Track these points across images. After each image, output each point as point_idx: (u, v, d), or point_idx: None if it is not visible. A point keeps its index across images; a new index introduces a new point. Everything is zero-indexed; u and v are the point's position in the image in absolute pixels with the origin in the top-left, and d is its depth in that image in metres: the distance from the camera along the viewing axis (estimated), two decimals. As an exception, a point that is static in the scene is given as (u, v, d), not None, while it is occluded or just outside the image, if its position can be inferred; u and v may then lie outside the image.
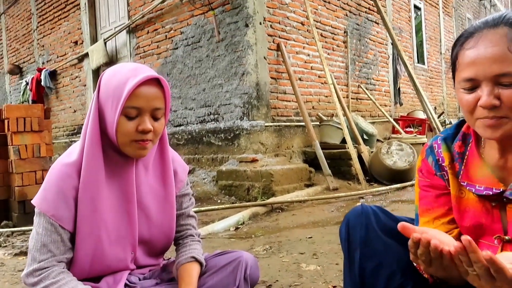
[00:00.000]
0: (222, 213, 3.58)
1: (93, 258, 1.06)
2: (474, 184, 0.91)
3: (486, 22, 0.83)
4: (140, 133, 1.03)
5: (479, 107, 0.81)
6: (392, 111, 7.58)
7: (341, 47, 6.25)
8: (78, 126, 7.46)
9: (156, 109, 1.04)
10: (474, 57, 0.81)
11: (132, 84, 1.00)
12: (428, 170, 1.01)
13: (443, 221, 0.99)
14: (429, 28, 9.52)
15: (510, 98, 0.79)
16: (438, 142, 0.99)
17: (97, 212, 1.05)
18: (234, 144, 4.87)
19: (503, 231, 0.90)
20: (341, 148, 4.90)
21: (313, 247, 2.42)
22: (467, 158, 0.94)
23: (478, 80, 0.81)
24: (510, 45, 0.78)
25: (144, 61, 5.98)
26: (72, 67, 7.44)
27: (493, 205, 0.90)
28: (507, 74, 0.78)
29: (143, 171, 1.14)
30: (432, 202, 1.00)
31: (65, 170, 1.04)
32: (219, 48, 5.01)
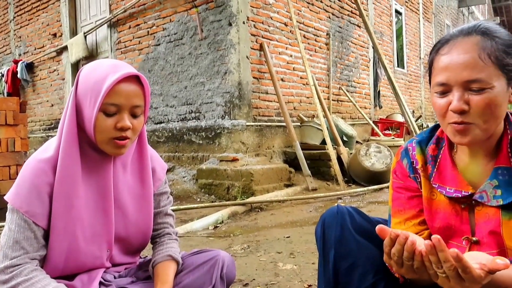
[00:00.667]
0: (201, 212, 3.58)
1: (68, 255, 1.04)
2: (445, 186, 0.94)
3: (461, 30, 0.87)
4: (118, 130, 1.01)
5: (450, 111, 0.84)
6: (371, 114, 7.70)
7: (323, 49, 6.32)
8: (55, 120, 7.30)
9: (135, 106, 1.03)
10: (447, 63, 0.84)
11: (111, 81, 0.98)
12: (402, 172, 1.04)
13: (414, 222, 1.01)
14: (409, 33, 9.72)
15: (478, 103, 0.82)
16: (413, 145, 1.02)
17: (72, 209, 1.03)
18: (215, 143, 4.86)
19: (471, 233, 0.93)
20: (321, 149, 4.96)
21: (290, 247, 2.44)
22: (440, 161, 0.97)
23: (450, 85, 0.84)
24: (480, 53, 0.82)
25: (125, 56, 5.89)
26: (50, 60, 7.27)
27: (462, 207, 0.93)
28: (476, 80, 0.81)
29: (121, 169, 1.13)
30: (405, 204, 1.03)
31: (40, 166, 1.02)
32: (202, 46, 4.99)
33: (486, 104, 0.81)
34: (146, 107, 1.08)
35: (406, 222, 1.02)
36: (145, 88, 1.05)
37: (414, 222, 1.01)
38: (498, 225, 0.87)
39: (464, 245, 0.93)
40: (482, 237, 0.90)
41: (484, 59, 0.81)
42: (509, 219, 0.86)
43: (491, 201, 0.87)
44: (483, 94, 0.81)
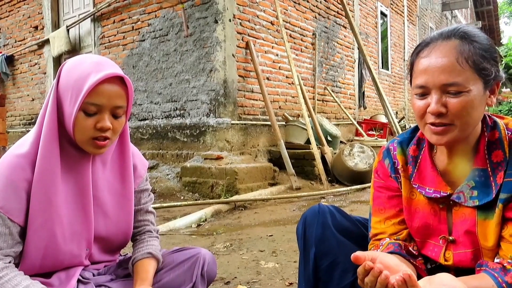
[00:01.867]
0: (185, 210, 3.55)
1: (45, 253, 1.02)
2: (425, 187, 0.96)
3: (441, 34, 0.88)
4: (98, 130, 0.99)
5: (428, 113, 0.86)
6: (356, 114, 7.77)
7: (309, 49, 6.34)
8: (36, 115, 7.14)
9: (117, 107, 1.01)
10: (426, 66, 0.86)
11: (93, 80, 0.96)
12: (383, 172, 1.05)
13: (394, 221, 1.03)
14: (394, 35, 9.84)
15: (455, 106, 0.84)
16: (394, 145, 1.04)
17: (51, 207, 1.01)
18: (199, 140, 4.83)
19: (448, 232, 0.95)
20: (305, 149, 4.98)
21: (273, 245, 2.44)
22: (420, 162, 0.98)
23: (428, 88, 0.86)
24: (458, 57, 0.83)
25: (109, 51, 5.80)
26: (31, 53, 7.11)
27: (441, 207, 0.95)
28: (453, 84, 0.83)
29: (100, 166, 1.11)
30: (385, 203, 1.04)
31: (17, 161, 0.99)
32: (187, 43, 4.95)
33: (463, 107, 0.83)
34: (129, 107, 1.05)
35: (386, 221, 1.03)
36: (129, 89, 1.03)
37: (394, 221, 1.03)
38: (474, 225, 0.89)
39: (441, 244, 0.95)
40: (458, 237, 0.92)
41: (461, 63, 0.83)
42: (484, 219, 0.88)
43: (467, 202, 0.89)
44: (460, 97, 0.83)
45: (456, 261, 0.93)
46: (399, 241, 1.00)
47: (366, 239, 1.09)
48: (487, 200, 0.87)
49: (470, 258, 0.91)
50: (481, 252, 0.90)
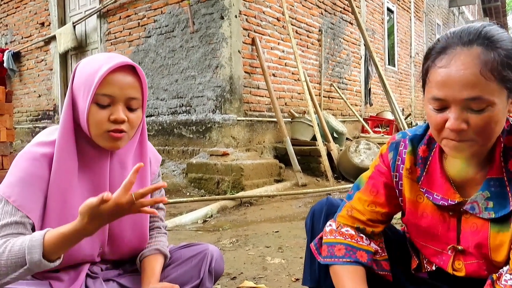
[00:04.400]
0: (191, 206, 3.56)
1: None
2: (433, 192, 0.91)
3: (461, 38, 0.78)
4: (112, 122, 0.98)
5: (447, 128, 0.79)
6: (362, 111, 7.73)
7: (315, 45, 6.31)
8: (42, 111, 7.18)
9: (130, 98, 0.99)
10: (445, 78, 0.77)
11: (104, 70, 0.95)
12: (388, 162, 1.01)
13: (379, 210, 0.99)
14: (400, 31, 9.77)
15: (477, 123, 0.76)
16: (406, 142, 0.97)
17: (66, 207, 1.00)
18: (205, 137, 4.83)
19: (456, 240, 0.91)
20: (311, 145, 4.96)
21: (279, 241, 2.44)
22: (429, 165, 0.93)
23: (447, 101, 0.78)
24: (482, 68, 0.75)
25: (115, 47, 5.81)
26: (38, 49, 7.14)
27: (450, 214, 0.90)
28: (477, 98, 0.75)
29: (118, 167, 1.09)
30: (380, 188, 0.99)
31: (36, 158, 0.99)
32: (193, 39, 4.95)
33: (486, 123, 0.76)
34: (144, 100, 1.03)
35: (370, 205, 0.99)
36: (142, 80, 1.01)
37: (379, 210, 0.99)
38: (486, 238, 0.85)
39: (450, 253, 0.92)
40: (467, 247, 0.88)
41: (485, 75, 0.74)
42: (498, 232, 0.83)
43: (482, 213, 0.84)
44: (484, 113, 0.76)
45: (468, 271, 0.90)
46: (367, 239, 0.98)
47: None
48: (504, 212, 0.81)
49: (483, 269, 0.88)
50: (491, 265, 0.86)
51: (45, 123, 7.02)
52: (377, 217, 0.99)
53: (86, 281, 1.08)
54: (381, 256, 1.00)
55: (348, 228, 1.00)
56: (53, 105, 6.95)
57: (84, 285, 1.07)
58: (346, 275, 0.93)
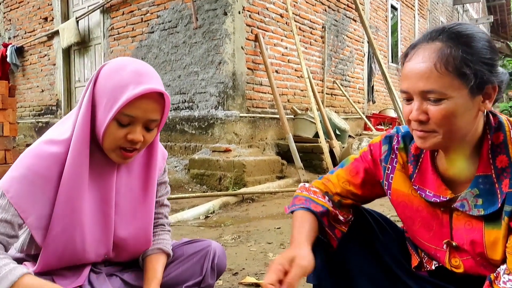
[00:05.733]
0: (193, 202, 3.57)
1: (62, 257, 1.00)
2: (425, 189, 0.92)
3: (428, 34, 0.83)
4: (128, 142, 0.97)
5: (411, 119, 0.84)
6: (365, 108, 7.72)
7: (318, 42, 6.29)
8: (45, 106, 7.19)
9: (151, 120, 0.98)
10: (408, 72, 0.82)
11: (132, 94, 0.92)
12: (377, 153, 1.03)
13: (352, 189, 1.04)
14: (404, 29, 9.72)
15: (435, 114, 0.79)
16: (398, 137, 1.00)
17: (74, 213, 0.98)
18: (207, 133, 4.83)
19: (450, 236, 0.91)
20: (313, 142, 4.96)
21: (281, 237, 2.44)
22: (421, 163, 0.94)
23: (410, 93, 0.83)
24: (437, 62, 0.78)
25: (118, 43, 5.81)
26: (41, 44, 7.15)
27: (442, 210, 0.91)
28: (431, 91, 0.78)
29: (125, 174, 1.09)
30: (359, 171, 1.04)
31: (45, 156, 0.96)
32: (196, 35, 4.94)
33: (443, 115, 0.79)
34: (162, 121, 1.02)
35: (345, 183, 1.04)
36: (166, 105, 1.00)
37: (350, 189, 1.04)
38: (481, 235, 0.85)
39: (444, 249, 0.92)
40: (462, 244, 0.89)
41: (439, 69, 0.77)
42: (492, 229, 0.83)
43: (472, 210, 0.85)
44: (440, 105, 0.78)
45: (467, 267, 0.90)
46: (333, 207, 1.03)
47: (378, 231, 1.08)
48: (493, 209, 0.82)
49: (481, 266, 0.88)
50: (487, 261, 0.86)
51: (48, 118, 7.04)
52: (347, 194, 1.04)
53: (89, 276, 1.08)
54: (340, 225, 1.05)
55: (317, 189, 1.07)
56: (56, 100, 6.96)
57: (87, 280, 1.07)
58: (297, 217, 1.01)
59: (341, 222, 1.04)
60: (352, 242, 1.06)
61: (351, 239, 1.06)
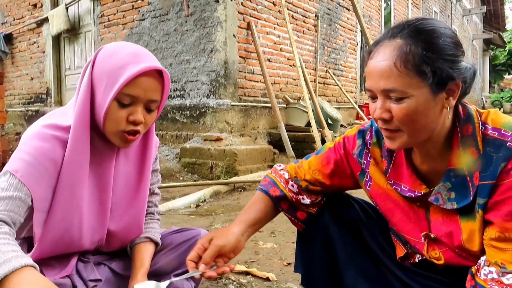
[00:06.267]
0: (184, 190, 3.56)
1: (58, 243, 0.99)
2: (400, 184, 0.92)
3: (388, 32, 0.82)
4: (130, 123, 0.96)
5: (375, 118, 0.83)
6: (357, 98, 7.73)
7: (311, 31, 6.26)
8: (35, 94, 7.10)
9: (151, 101, 0.97)
10: (370, 70, 0.81)
11: (131, 72, 0.91)
12: (350, 146, 1.02)
13: (320, 179, 1.05)
14: (397, 19, 9.70)
15: (398, 112, 0.78)
16: (372, 132, 0.99)
17: (73, 200, 0.97)
18: (199, 122, 4.82)
19: (429, 229, 0.92)
20: (305, 131, 4.97)
21: (271, 226, 2.45)
22: (395, 157, 0.93)
23: (374, 92, 0.82)
24: (396, 60, 0.77)
25: (108, 30, 5.73)
26: (30, 31, 7.03)
27: (418, 205, 0.92)
28: (392, 90, 0.78)
29: (123, 159, 1.08)
30: (330, 162, 1.04)
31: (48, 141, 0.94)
32: (188, 23, 4.88)
33: (405, 114, 0.78)
34: (162, 102, 1.02)
35: (314, 171, 1.06)
36: (166, 84, 0.99)
37: (319, 178, 1.05)
38: (458, 227, 0.86)
39: (423, 241, 0.93)
40: (440, 236, 0.89)
41: (399, 68, 0.76)
42: (467, 221, 0.84)
43: (446, 204, 0.85)
44: (402, 103, 0.78)
45: (447, 258, 0.91)
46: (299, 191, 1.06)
47: (366, 220, 1.09)
48: (465, 203, 0.82)
49: (460, 256, 0.89)
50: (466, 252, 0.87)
51: (38, 106, 6.95)
52: (315, 182, 1.06)
53: (77, 265, 1.08)
54: (307, 207, 1.07)
55: (286, 173, 1.10)
56: (46, 88, 6.87)
57: (75, 269, 1.07)
58: (253, 198, 1.09)
59: (307, 205, 1.07)
60: (339, 231, 1.07)
61: (338, 227, 1.07)
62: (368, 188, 1.01)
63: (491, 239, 0.79)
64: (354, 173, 1.02)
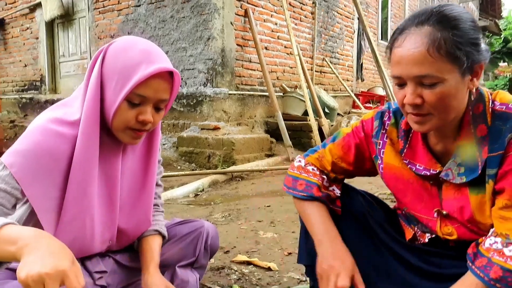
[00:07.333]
0: (182, 180, 3.57)
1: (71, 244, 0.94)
2: (415, 163, 0.96)
3: (415, 18, 0.84)
4: (139, 122, 0.95)
5: (405, 103, 0.85)
6: (353, 86, 7.72)
7: (308, 18, 6.21)
8: (29, 82, 7.01)
9: (161, 100, 0.97)
10: (399, 57, 0.83)
11: (144, 73, 0.91)
12: (369, 128, 1.05)
13: (342, 165, 1.07)
14: (394, 6, 9.64)
15: (430, 97, 0.82)
16: (390, 113, 1.03)
17: (85, 197, 0.96)
18: (196, 110, 4.80)
19: (440, 206, 0.96)
20: (302, 120, 4.97)
21: (271, 215, 2.48)
22: (411, 138, 0.97)
23: (403, 79, 0.84)
24: (429, 47, 0.79)
25: (103, 16, 5.64)
26: (23, 17, 6.90)
27: (431, 183, 0.95)
28: (426, 75, 0.80)
29: (130, 155, 1.07)
30: (351, 146, 1.06)
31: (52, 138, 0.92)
32: (184, 10, 4.82)
33: (439, 98, 0.81)
34: (171, 101, 1.01)
35: (337, 158, 1.07)
36: (175, 84, 0.99)
37: (343, 165, 1.07)
38: (468, 202, 0.89)
39: (436, 217, 0.96)
40: (452, 212, 0.93)
41: (432, 54, 0.79)
42: (477, 194, 0.88)
43: (455, 179, 0.89)
44: (435, 88, 0.81)
45: (460, 233, 0.94)
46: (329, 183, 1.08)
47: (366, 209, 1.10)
48: (473, 176, 0.86)
49: (472, 231, 0.92)
50: (477, 227, 0.90)
51: (32, 94, 6.87)
52: (340, 170, 1.08)
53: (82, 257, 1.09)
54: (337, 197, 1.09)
55: (314, 168, 1.10)
56: (40, 75, 6.79)
57: (80, 261, 1.07)
58: (305, 208, 1.06)
59: (337, 197, 1.09)
60: (344, 221, 1.08)
61: (344, 218, 1.08)
62: (381, 171, 1.05)
63: (499, 209, 0.83)
64: (371, 155, 1.06)
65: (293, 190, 1.09)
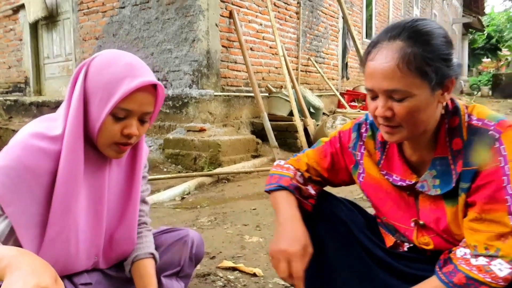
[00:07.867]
0: (168, 182, 3.59)
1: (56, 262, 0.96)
2: (392, 174, 1.00)
3: (387, 33, 0.86)
4: (124, 136, 0.96)
5: (377, 115, 0.89)
6: (339, 85, 7.80)
7: (293, 18, 6.26)
8: (13, 84, 6.92)
9: (146, 113, 0.98)
10: (372, 71, 0.86)
11: (128, 87, 0.92)
12: (346, 140, 1.09)
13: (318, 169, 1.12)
14: (378, 4, 9.74)
15: (400, 111, 0.85)
16: (366, 125, 1.06)
17: (69, 214, 0.96)
18: (182, 112, 4.81)
19: (417, 216, 0.99)
20: (288, 121, 5.02)
21: (256, 219, 2.52)
22: (388, 149, 1.01)
23: (375, 92, 0.87)
24: (399, 62, 0.82)
25: (88, 18, 5.60)
26: (6, 18, 6.80)
27: (408, 194, 0.99)
28: (395, 90, 0.83)
29: (115, 169, 1.08)
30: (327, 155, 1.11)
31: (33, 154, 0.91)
32: (169, 11, 4.82)
33: (408, 112, 0.84)
34: (155, 113, 1.03)
35: (314, 162, 1.12)
36: (159, 96, 1.00)
37: (319, 169, 1.12)
38: (444, 213, 0.93)
39: (413, 226, 1.00)
40: (428, 222, 0.96)
41: (402, 69, 0.81)
42: (452, 206, 0.91)
43: (431, 191, 0.92)
44: (404, 102, 0.84)
45: (436, 244, 0.97)
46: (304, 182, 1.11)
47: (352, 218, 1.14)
48: (448, 189, 0.89)
49: (448, 242, 0.95)
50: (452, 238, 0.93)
51: (17, 96, 6.79)
52: (315, 173, 1.12)
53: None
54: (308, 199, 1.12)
55: (290, 166, 1.14)
56: (24, 78, 6.71)
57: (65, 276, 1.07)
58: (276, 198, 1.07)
59: (311, 196, 1.12)
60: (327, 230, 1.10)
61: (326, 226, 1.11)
62: (361, 180, 1.08)
63: (469, 221, 0.86)
64: (347, 166, 1.09)
65: (268, 185, 1.11)
